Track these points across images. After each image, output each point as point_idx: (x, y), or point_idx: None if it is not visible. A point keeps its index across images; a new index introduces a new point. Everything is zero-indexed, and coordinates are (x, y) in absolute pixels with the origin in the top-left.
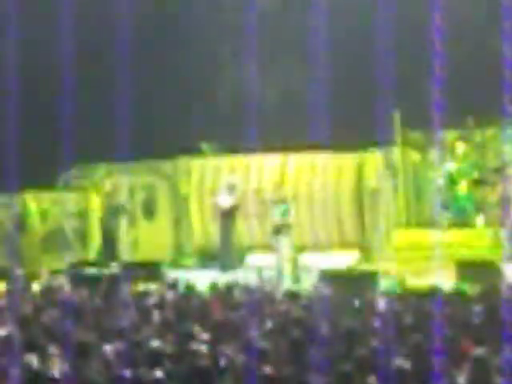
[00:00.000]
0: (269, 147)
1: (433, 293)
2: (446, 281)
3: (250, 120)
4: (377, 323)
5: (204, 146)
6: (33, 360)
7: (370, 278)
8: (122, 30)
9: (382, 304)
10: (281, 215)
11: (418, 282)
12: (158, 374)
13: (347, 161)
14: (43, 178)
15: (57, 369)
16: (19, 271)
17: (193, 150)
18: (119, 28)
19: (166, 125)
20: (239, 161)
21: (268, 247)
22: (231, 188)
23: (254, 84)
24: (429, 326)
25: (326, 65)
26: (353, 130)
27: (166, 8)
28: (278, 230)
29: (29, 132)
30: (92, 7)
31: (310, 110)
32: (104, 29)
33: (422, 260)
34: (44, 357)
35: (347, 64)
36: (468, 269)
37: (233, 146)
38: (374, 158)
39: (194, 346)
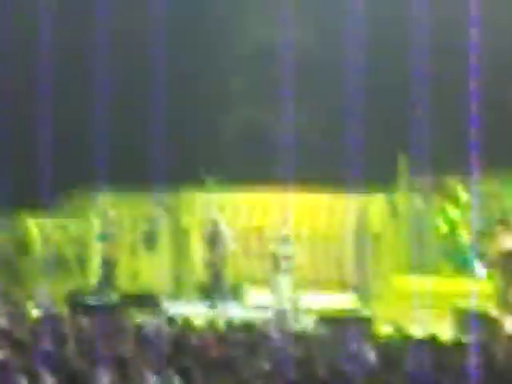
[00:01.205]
0: (273, 185)
1: (431, 341)
2: (445, 330)
3: (255, 157)
4: (372, 368)
5: (208, 180)
6: None
7: (367, 323)
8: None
9: (377, 350)
10: (282, 254)
11: (416, 329)
12: None
13: (351, 202)
14: (46, 201)
15: None
16: (20, 295)
17: (196, 184)
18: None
19: (170, 157)
20: (243, 197)
21: (268, 285)
22: (214, 227)
23: (265, 120)
24: (427, 374)
25: (332, 106)
26: (357, 171)
27: (186, 40)
28: (279, 269)
29: (35, 154)
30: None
31: (315, 150)
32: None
33: (422, 307)
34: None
35: (358, 101)
36: (467, 319)
37: (237, 181)
38: (377, 201)
39: (190, 382)
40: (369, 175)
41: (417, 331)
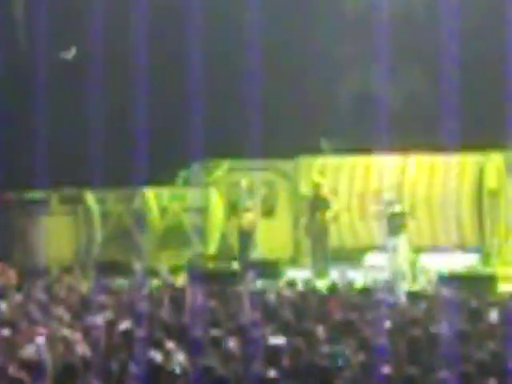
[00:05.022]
0: (389, 147)
1: None
2: None
3: (371, 120)
4: (494, 326)
5: (325, 145)
6: (156, 355)
7: (488, 282)
8: (249, 31)
9: (499, 307)
10: (398, 215)
11: None
12: (272, 373)
13: (468, 162)
14: (164, 173)
15: (176, 364)
16: (138, 266)
17: (313, 149)
18: (248, 30)
19: (288, 123)
20: (359, 160)
21: (385, 247)
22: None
23: (377, 85)
24: None
25: (451, 66)
26: (474, 131)
27: (291, 9)
28: (395, 230)
29: (151, 129)
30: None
31: (431, 111)
32: (230, 29)
33: None
34: (163, 352)
35: (473, 65)
36: None
37: (353, 145)
38: (495, 160)
39: (313, 344)
40: (484, 134)
41: None
